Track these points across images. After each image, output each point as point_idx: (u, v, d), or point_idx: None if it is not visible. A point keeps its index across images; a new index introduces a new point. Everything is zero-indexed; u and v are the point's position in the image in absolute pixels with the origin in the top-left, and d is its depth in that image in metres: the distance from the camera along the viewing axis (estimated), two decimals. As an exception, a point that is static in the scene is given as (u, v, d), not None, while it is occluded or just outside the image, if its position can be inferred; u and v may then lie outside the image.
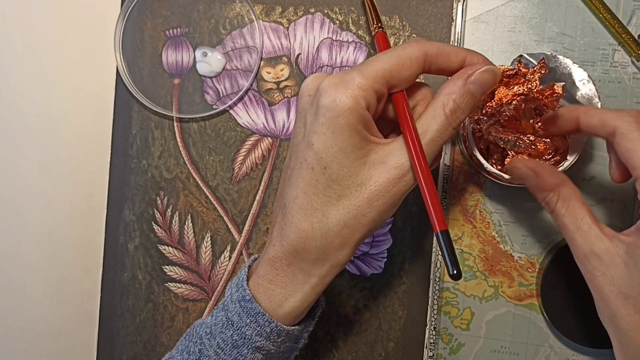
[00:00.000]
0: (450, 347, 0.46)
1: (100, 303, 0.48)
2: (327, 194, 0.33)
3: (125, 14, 0.47)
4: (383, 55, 0.34)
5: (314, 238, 0.34)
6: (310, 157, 0.33)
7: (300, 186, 0.34)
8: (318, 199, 0.33)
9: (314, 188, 0.33)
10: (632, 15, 0.44)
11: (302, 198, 0.34)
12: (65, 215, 0.48)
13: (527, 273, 0.46)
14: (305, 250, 0.34)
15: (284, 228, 0.34)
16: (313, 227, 0.34)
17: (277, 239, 0.35)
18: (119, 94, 0.48)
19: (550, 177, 0.37)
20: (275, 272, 0.35)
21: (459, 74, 0.35)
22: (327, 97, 0.32)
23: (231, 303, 0.35)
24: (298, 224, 0.34)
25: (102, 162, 0.48)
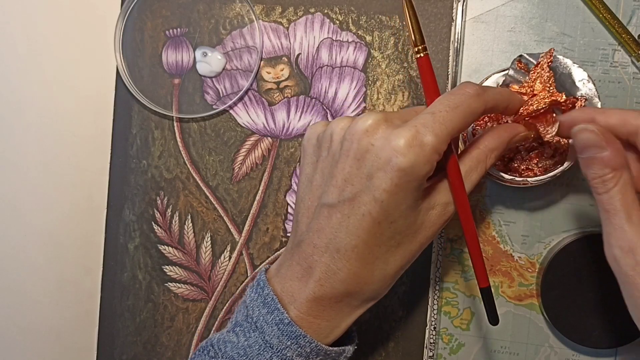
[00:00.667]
0: (450, 347, 0.46)
1: (100, 303, 0.48)
2: (388, 244, 0.34)
3: (125, 14, 0.47)
4: (452, 111, 0.33)
5: (372, 283, 0.35)
6: (377, 212, 0.33)
7: (361, 237, 0.34)
8: (379, 249, 0.34)
9: (376, 240, 0.34)
10: (632, 15, 0.44)
11: (363, 248, 0.34)
12: (65, 215, 0.48)
13: (527, 273, 0.46)
14: (360, 292, 0.35)
15: (338, 273, 0.34)
16: (373, 274, 0.35)
17: (327, 281, 0.35)
18: (119, 94, 0.48)
19: (619, 155, 0.34)
20: (321, 309, 0.35)
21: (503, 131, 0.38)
22: (405, 161, 0.32)
23: (266, 325, 0.35)
24: (357, 271, 0.34)
25: (102, 162, 0.48)
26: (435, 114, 0.33)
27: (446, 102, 0.34)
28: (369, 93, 0.46)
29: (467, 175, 0.36)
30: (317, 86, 0.47)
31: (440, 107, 0.34)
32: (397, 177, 0.32)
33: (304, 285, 0.35)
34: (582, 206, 0.45)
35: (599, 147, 0.34)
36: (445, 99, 0.34)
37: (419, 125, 0.33)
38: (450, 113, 0.33)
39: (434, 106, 0.34)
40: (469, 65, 0.46)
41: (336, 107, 0.46)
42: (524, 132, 0.38)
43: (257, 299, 0.36)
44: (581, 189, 0.45)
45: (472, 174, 0.36)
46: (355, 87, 0.46)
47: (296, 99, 0.47)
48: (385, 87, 0.46)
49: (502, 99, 0.37)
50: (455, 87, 0.35)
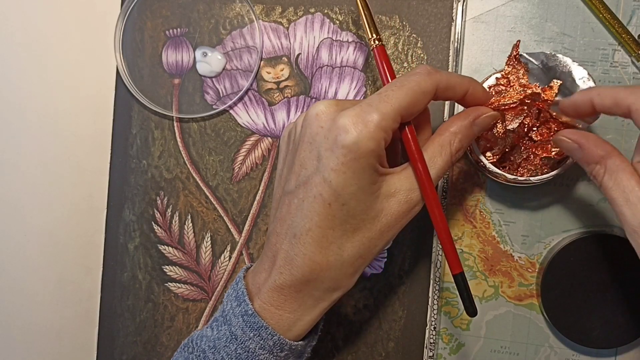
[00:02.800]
0: (450, 347, 0.46)
1: (100, 303, 0.48)
2: (343, 228, 0.34)
3: (125, 14, 0.47)
4: (398, 90, 0.34)
5: (328, 269, 0.35)
6: (326, 193, 0.33)
7: (314, 220, 0.34)
8: (334, 233, 0.34)
9: (330, 222, 0.34)
10: (632, 15, 0.44)
11: (317, 231, 0.34)
12: (65, 215, 0.48)
13: (527, 273, 0.46)
14: (318, 280, 0.35)
15: (295, 258, 0.35)
16: (328, 259, 0.34)
17: (286, 268, 0.35)
18: (119, 94, 0.48)
19: (596, 148, 0.35)
20: (283, 299, 0.35)
21: (465, 114, 0.38)
22: (348, 137, 0.32)
23: (234, 317, 0.35)
24: (312, 256, 0.34)
25: (102, 162, 0.48)
26: (381, 94, 0.34)
27: (394, 82, 0.35)
28: (369, 93, 0.46)
29: (432, 160, 0.36)
30: (317, 86, 0.47)
31: (388, 87, 0.34)
32: (342, 155, 0.33)
33: (268, 275, 0.36)
34: (582, 206, 0.45)
35: (575, 150, 0.36)
36: (395, 80, 0.35)
37: (364, 104, 0.33)
38: (396, 91, 0.34)
39: (383, 88, 0.35)
40: (469, 65, 0.46)
41: (336, 107, 0.46)
42: (488, 113, 0.38)
43: (232, 294, 0.37)
44: (581, 189, 0.45)
45: (437, 159, 0.36)
46: (355, 87, 0.46)
47: (296, 99, 0.47)
48: (385, 87, 0.46)
49: (459, 81, 0.36)
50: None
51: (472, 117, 0.37)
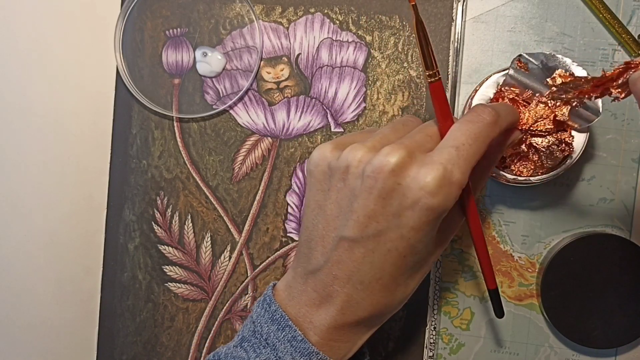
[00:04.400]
0: (450, 347, 0.46)
1: (100, 303, 0.48)
2: (410, 272, 0.35)
3: (125, 14, 0.47)
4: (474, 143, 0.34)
5: (392, 306, 0.36)
6: (403, 248, 0.33)
7: (386, 270, 0.34)
8: (402, 277, 0.35)
9: (400, 270, 0.34)
10: (632, 15, 0.44)
11: (388, 279, 0.34)
12: (65, 215, 0.48)
13: (527, 273, 0.46)
14: (380, 315, 0.36)
15: (361, 302, 0.35)
16: (395, 299, 0.35)
17: (350, 310, 0.35)
18: (119, 94, 0.48)
19: None
20: (342, 333, 0.36)
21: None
22: (434, 201, 0.32)
23: (278, 342, 0.35)
24: (380, 299, 0.35)
25: (102, 162, 0.48)
26: (459, 149, 0.33)
27: (467, 132, 0.34)
28: (369, 93, 0.46)
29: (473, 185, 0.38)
30: (317, 86, 0.47)
31: (462, 139, 0.33)
32: (425, 216, 0.32)
33: (324, 312, 0.35)
34: (582, 206, 0.45)
35: None
36: (466, 128, 0.34)
37: (445, 162, 0.32)
38: (473, 146, 0.33)
39: (456, 137, 0.34)
40: (469, 65, 0.46)
41: (336, 107, 0.46)
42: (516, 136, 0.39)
43: (264, 315, 0.36)
44: (581, 189, 0.45)
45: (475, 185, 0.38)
46: (355, 87, 0.46)
47: (296, 99, 0.47)
48: (385, 87, 0.46)
49: (513, 120, 0.38)
50: (470, 112, 0.35)
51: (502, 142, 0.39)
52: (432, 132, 0.36)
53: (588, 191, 0.45)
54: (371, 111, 0.46)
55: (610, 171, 0.45)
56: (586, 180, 0.45)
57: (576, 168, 0.45)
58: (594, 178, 0.45)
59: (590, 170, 0.45)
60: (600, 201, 0.45)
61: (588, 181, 0.45)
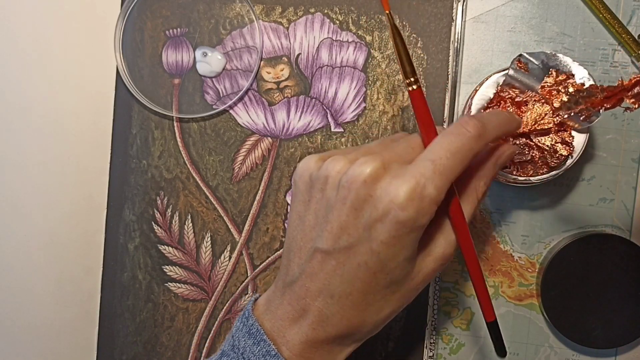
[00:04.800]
0: (450, 347, 0.46)
1: (100, 303, 0.48)
2: (383, 292, 0.34)
3: (125, 14, 0.47)
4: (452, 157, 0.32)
5: (363, 327, 0.35)
6: (373, 263, 0.32)
7: (356, 285, 0.33)
8: (374, 297, 0.34)
9: (372, 288, 0.33)
10: (632, 15, 0.44)
11: (357, 296, 0.33)
12: (65, 215, 0.48)
13: (527, 273, 0.46)
14: (351, 335, 0.35)
15: (330, 318, 0.34)
16: (365, 319, 0.34)
17: (320, 325, 0.34)
18: (119, 94, 0.48)
19: None
20: (313, 350, 0.35)
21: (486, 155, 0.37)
22: (404, 214, 0.31)
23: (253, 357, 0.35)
24: (350, 317, 0.34)
25: (102, 162, 0.48)
26: (436, 162, 0.32)
27: (447, 145, 0.32)
28: (369, 93, 0.46)
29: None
30: (317, 86, 0.47)
31: (441, 152, 0.32)
32: (395, 230, 0.31)
33: (297, 327, 0.35)
34: (582, 206, 0.45)
35: None
36: (446, 141, 0.33)
37: (418, 175, 0.31)
38: (450, 159, 0.32)
39: (434, 150, 0.32)
40: (469, 65, 0.46)
41: (336, 107, 0.46)
42: (507, 151, 0.37)
43: (242, 329, 0.36)
44: (581, 189, 0.45)
45: (465, 207, 0.35)
46: (355, 87, 0.46)
47: (296, 99, 0.47)
48: (385, 87, 0.46)
49: (502, 131, 0.36)
50: (454, 124, 0.34)
51: (495, 159, 0.37)
52: (415, 144, 0.35)
53: (588, 191, 0.45)
54: (371, 111, 0.46)
55: (610, 171, 0.45)
56: (586, 180, 0.45)
57: (576, 168, 0.45)
58: (594, 178, 0.45)
59: (590, 170, 0.45)
60: (600, 201, 0.45)
61: (588, 181, 0.45)
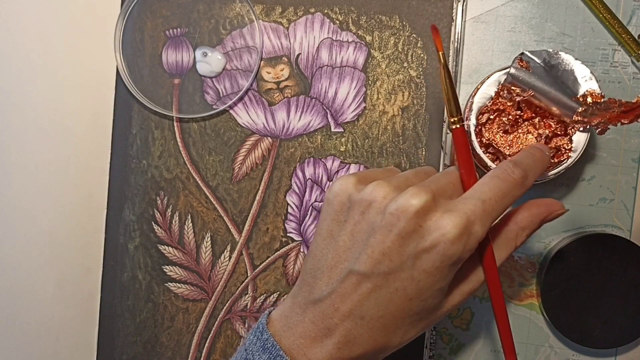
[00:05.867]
0: (450, 347, 0.46)
1: (100, 303, 0.48)
2: (413, 318, 0.35)
3: (125, 14, 0.47)
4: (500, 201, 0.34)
5: (388, 348, 0.35)
6: (411, 290, 0.33)
7: (389, 309, 0.34)
8: (403, 322, 0.34)
9: (403, 314, 0.34)
10: (632, 15, 0.44)
11: (389, 319, 0.34)
12: (65, 215, 0.48)
13: (527, 273, 0.46)
14: (374, 355, 0.35)
15: (358, 338, 0.34)
16: (391, 341, 0.35)
17: (346, 345, 0.34)
18: (119, 94, 0.48)
19: None
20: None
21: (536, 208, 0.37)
22: (452, 249, 0.32)
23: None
24: (377, 338, 0.34)
25: (102, 162, 0.48)
26: (485, 203, 0.33)
27: (495, 188, 0.34)
28: (369, 93, 0.46)
29: (496, 252, 0.36)
30: (317, 86, 0.47)
31: (490, 194, 0.34)
32: (440, 262, 0.32)
33: (321, 347, 0.35)
34: (582, 206, 0.45)
35: None
36: (494, 184, 0.34)
37: (469, 213, 0.33)
38: (498, 202, 0.34)
39: (483, 191, 0.34)
40: (469, 65, 0.46)
41: (336, 107, 0.46)
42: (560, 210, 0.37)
43: (256, 343, 0.35)
44: (581, 188, 0.45)
45: (501, 252, 0.36)
46: (355, 87, 0.46)
47: (296, 99, 0.47)
48: (385, 87, 0.46)
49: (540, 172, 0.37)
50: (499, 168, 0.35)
51: (545, 215, 0.37)
52: (454, 180, 0.36)
53: (588, 191, 0.45)
54: (371, 111, 0.46)
55: (610, 171, 0.45)
56: (586, 180, 0.45)
57: (576, 168, 0.45)
58: (594, 178, 0.45)
59: (590, 170, 0.45)
60: (600, 201, 0.45)
61: (588, 181, 0.45)
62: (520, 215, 0.37)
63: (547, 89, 0.40)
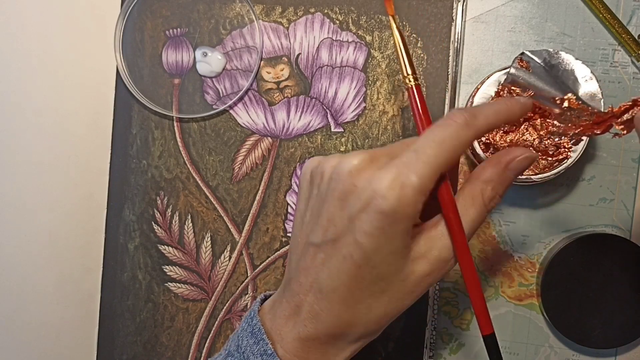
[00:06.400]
0: (450, 347, 0.46)
1: (100, 303, 0.48)
2: (371, 289, 0.33)
3: (125, 14, 0.47)
4: (437, 146, 0.31)
5: (354, 326, 0.34)
6: (357, 255, 0.32)
7: (342, 279, 0.33)
8: (361, 294, 0.33)
9: (358, 284, 0.33)
10: (632, 15, 0.44)
11: (344, 291, 0.33)
12: (65, 215, 0.48)
13: (527, 273, 0.46)
14: (343, 335, 0.34)
15: (320, 314, 0.34)
16: (355, 317, 0.34)
17: (311, 322, 0.34)
18: (119, 94, 0.48)
19: None
20: (306, 349, 0.34)
21: (496, 159, 0.35)
22: (385, 203, 0.30)
23: (252, 356, 0.35)
24: (339, 314, 0.33)
25: (102, 162, 0.48)
26: (419, 152, 0.31)
27: (431, 136, 0.32)
28: (369, 93, 0.46)
29: (463, 212, 0.34)
30: (317, 86, 0.47)
31: (425, 142, 0.32)
32: (377, 220, 0.31)
33: (292, 325, 0.35)
34: (582, 206, 0.45)
35: None
36: (432, 132, 0.32)
37: (400, 165, 0.31)
38: (435, 149, 0.31)
39: (419, 142, 0.32)
40: (469, 65, 0.46)
41: (336, 107, 0.46)
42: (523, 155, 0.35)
43: (247, 329, 0.36)
44: (581, 188, 0.45)
45: (469, 211, 0.34)
46: (355, 87, 0.46)
47: (296, 99, 0.47)
48: (385, 87, 0.46)
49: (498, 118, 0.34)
50: (443, 117, 0.33)
51: (505, 162, 0.34)
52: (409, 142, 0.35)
53: (588, 191, 0.45)
54: (371, 111, 0.46)
55: (610, 171, 0.45)
56: (586, 180, 0.45)
57: (576, 168, 0.45)
58: (594, 178, 0.45)
59: (590, 170, 0.45)
60: (600, 201, 0.45)
61: (588, 181, 0.45)
62: (480, 169, 0.35)
63: (547, 89, 0.40)
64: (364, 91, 0.46)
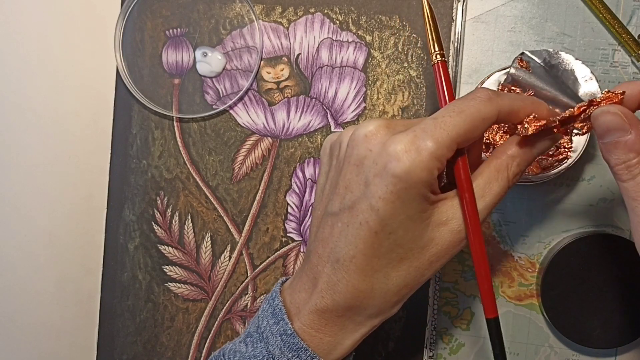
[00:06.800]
0: (450, 347, 0.46)
1: (100, 303, 0.48)
2: (389, 257, 0.33)
3: (125, 14, 0.47)
4: (456, 115, 0.31)
5: (372, 297, 0.33)
6: (373, 221, 0.31)
7: (359, 247, 0.32)
8: (379, 262, 0.33)
9: (375, 251, 0.32)
10: (632, 15, 0.44)
11: (361, 259, 0.32)
12: (65, 215, 0.48)
13: (527, 273, 0.46)
14: (361, 307, 0.34)
15: (337, 284, 0.33)
16: (373, 287, 0.33)
17: (328, 292, 0.34)
18: (119, 94, 0.48)
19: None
20: (324, 322, 0.34)
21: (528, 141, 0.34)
22: (399, 166, 0.30)
23: (271, 336, 0.34)
24: (356, 283, 0.33)
25: (102, 162, 0.48)
26: (438, 119, 0.31)
27: (452, 107, 0.32)
28: (369, 93, 0.46)
29: (488, 185, 0.33)
30: (317, 86, 0.47)
31: (445, 111, 0.32)
32: (391, 184, 0.31)
33: (309, 297, 0.34)
34: (582, 206, 0.45)
35: (622, 130, 0.31)
36: (452, 104, 0.32)
37: (418, 130, 0.31)
38: (454, 117, 0.31)
39: (439, 111, 0.32)
40: (469, 65, 0.46)
41: (336, 107, 0.46)
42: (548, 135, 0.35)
43: (268, 310, 0.36)
44: (581, 189, 0.45)
45: (493, 185, 0.33)
46: (355, 87, 0.46)
47: (296, 99, 0.47)
48: (385, 87, 0.46)
49: (522, 106, 0.34)
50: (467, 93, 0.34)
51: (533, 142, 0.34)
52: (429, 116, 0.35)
53: (588, 191, 0.45)
54: (371, 111, 0.46)
55: (610, 171, 0.45)
56: (586, 180, 0.45)
57: (576, 168, 0.45)
58: (594, 178, 0.45)
59: (590, 170, 0.45)
60: (600, 201, 0.45)
61: (588, 181, 0.45)
62: (509, 145, 0.34)
63: (547, 89, 0.40)
64: (364, 91, 0.46)
